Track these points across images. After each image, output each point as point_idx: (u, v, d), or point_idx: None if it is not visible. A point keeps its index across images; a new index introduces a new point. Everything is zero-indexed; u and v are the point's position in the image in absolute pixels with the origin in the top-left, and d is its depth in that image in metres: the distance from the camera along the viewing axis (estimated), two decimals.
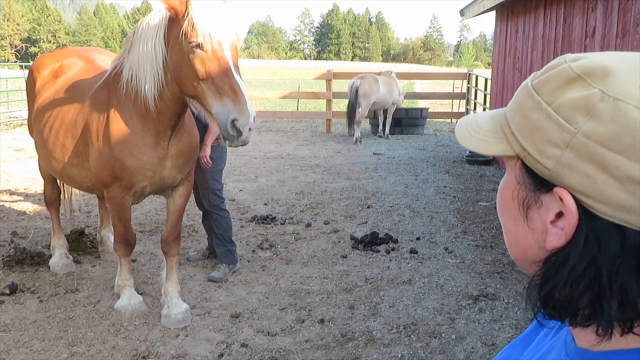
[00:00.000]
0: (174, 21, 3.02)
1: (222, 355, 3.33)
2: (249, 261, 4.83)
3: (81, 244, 4.94)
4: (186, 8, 2.92)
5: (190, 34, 2.92)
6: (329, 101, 13.53)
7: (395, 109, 12.44)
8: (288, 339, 3.53)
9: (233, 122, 2.86)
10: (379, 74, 12.34)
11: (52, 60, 4.24)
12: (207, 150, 4.29)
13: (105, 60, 4.18)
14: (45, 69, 4.19)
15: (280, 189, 7.45)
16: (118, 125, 3.34)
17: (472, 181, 7.97)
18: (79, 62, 4.11)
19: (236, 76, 2.94)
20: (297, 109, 17.22)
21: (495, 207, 6.85)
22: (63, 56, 4.23)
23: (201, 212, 4.84)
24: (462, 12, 11.10)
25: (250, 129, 2.89)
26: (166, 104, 3.24)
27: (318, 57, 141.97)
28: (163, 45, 3.09)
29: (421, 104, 19.44)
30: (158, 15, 3.13)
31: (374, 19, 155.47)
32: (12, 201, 6.69)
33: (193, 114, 3.79)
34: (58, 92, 3.86)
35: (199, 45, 2.92)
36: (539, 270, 0.66)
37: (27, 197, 6.93)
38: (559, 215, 0.62)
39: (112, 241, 4.02)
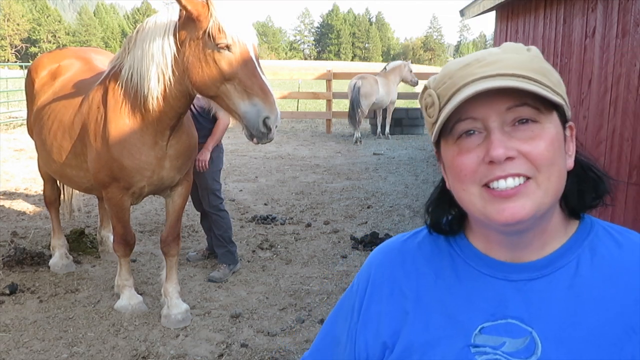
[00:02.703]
0: (192, 22, 3.00)
1: (222, 355, 3.33)
2: (249, 261, 4.83)
3: (81, 244, 4.94)
4: (208, 10, 2.93)
5: (217, 35, 2.92)
6: (329, 101, 13.52)
7: (395, 109, 12.43)
8: (288, 339, 3.52)
9: (265, 120, 2.92)
10: (376, 74, 12.35)
11: (50, 61, 4.23)
12: (207, 155, 4.25)
13: (103, 61, 4.16)
14: (43, 70, 4.18)
15: (280, 189, 7.45)
16: (116, 125, 3.32)
17: None
18: (76, 63, 4.10)
19: (263, 76, 2.98)
20: (297, 109, 17.22)
21: None
22: (61, 57, 4.22)
23: (200, 213, 4.83)
24: (462, 12, 11.09)
25: (276, 126, 2.98)
26: (169, 103, 3.22)
27: (318, 57, 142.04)
28: (173, 44, 3.09)
29: None
30: (166, 14, 3.13)
31: (374, 19, 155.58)
32: (12, 201, 6.70)
33: (192, 114, 3.78)
34: (56, 94, 3.85)
35: (227, 47, 2.94)
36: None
37: (27, 197, 6.93)
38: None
39: (112, 241, 4.02)
